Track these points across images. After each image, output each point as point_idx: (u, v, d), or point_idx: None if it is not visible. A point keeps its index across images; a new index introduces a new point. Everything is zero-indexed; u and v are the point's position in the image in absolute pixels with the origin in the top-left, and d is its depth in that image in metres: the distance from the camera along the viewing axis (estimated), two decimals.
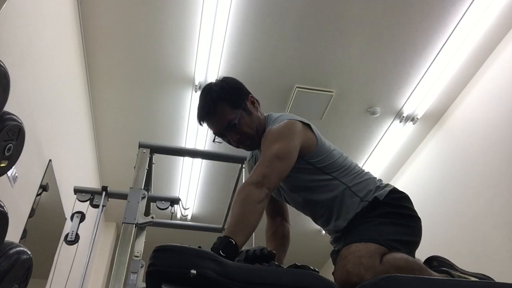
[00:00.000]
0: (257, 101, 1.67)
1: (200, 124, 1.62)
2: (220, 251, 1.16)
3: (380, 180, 1.61)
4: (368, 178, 1.58)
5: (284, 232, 1.75)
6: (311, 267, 1.31)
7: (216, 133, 1.61)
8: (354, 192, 1.53)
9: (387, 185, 1.58)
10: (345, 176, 1.56)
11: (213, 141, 1.65)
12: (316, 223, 1.67)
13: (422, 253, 1.64)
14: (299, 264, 1.31)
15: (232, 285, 1.05)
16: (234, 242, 1.22)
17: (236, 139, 1.59)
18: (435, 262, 1.55)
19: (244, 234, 1.27)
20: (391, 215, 1.48)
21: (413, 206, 1.55)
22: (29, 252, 1.65)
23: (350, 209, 1.52)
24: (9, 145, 1.63)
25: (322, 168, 1.55)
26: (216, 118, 1.57)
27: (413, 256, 1.44)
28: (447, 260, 1.57)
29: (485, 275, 1.45)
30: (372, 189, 1.54)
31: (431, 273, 1.41)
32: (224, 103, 1.56)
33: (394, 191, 1.55)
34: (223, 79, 1.66)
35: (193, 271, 1.01)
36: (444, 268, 1.53)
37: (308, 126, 1.58)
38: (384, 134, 4.07)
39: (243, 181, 2.64)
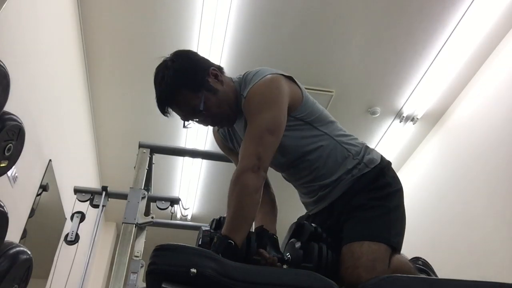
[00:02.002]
0: (220, 69, 1.46)
1: (165, 115, 1.44)
2: (220, 255, 1.12)
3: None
4: (351, 135, 1.53)
5: (270, 197, 1.61)
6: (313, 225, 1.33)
7: (185, 119, 1.44)
8: (346, 148, 1.46)
9: (372, 149, 1.53)
10: (333, 131, 1.48)
11: (184, 126, 1.47)
12: (298, 183, 1.55)
13: (423, 254, 1.65)
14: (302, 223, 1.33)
15: (232, 285, 1.05)
16: (233, 243, 1.17)
17: (209, 122, 1.45)
18: (420, 261, 1.56)
19: (243, 231, 1.22)
20: (395, 195, 1.44)
21: None
22: (29, 252, 1.65)
23: (342, 165, 1.44)
24: (9, 145, 1.63)
25: (311, 122, 1.45)
26: (179, 107, 1.40)
27: None
28: (429, 264, 1.58)
29: None
30: (361, 147, 1.49)
31: (419, 275, 1.43)
32: (183, 90, 1.37)
33: (383, 156, 1.52)
34: (175, 58, 1.42)
35: (193, 270, 1.01)
36: (425, 268, 1.53)
37: (290, 78, 1.46)
38: (384, 134, 4.07)
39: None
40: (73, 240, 2.80)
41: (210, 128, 4.45)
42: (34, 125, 2.63)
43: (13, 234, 2.18)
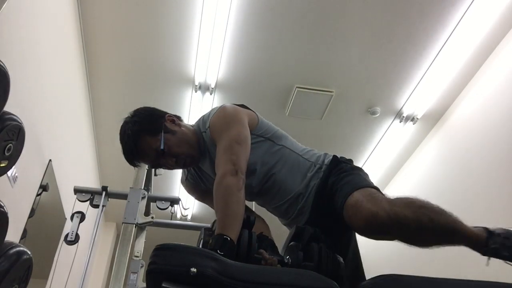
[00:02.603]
0: (178, 117, 1.62)
1: (134, 166, 1.60)
2: (218, 251, 1.16)
3: None
4: (308, 147, 1.65)
5: (258, 217, 1.63)
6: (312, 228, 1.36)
7: (152, 165, 1.60)
8: (306, 158, 1.57)
9: (331, 155, 1.62)
10: (291, 145, 1.61)
11: (155, 175, 1.64)
12: (272, 203, 1.61)
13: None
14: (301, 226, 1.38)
15: (232, 284, 1.05)
16: (229, 239, 1.22)
17: (173, 163, 1.55)
18: None
19: (235, 227, 1.27)
20: (357, 168, 1.56)
21: None
22: (29, 252, 1.64)
23: (305, 172, 1.54)
24: (9, 145, 1.63)
25: (270, 138, 1.57)
26: (144, 153, 1.54)
27: None
28: None
29: None
30: (321, 154, 1.60)
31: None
32: (143, 136, 1.52)
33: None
34: (133, 114, 1.62)
35: (193, 270, 1.01)
36: None
37: (243, 106, 1.61)
38: (384, 134, 4.07)
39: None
40: (73, 240, 2.79)
41: None
42: (34, 125, 2.63)
43: (13, 234, 2.18)
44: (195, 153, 1.56)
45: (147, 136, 1.52)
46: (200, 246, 1.28)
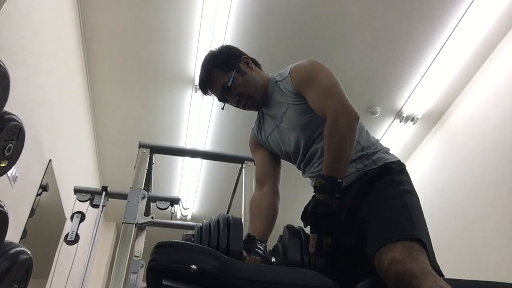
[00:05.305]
0: (254, 61, 1.69)
1: (205, 94, 1.67)
2: (335, 193, 1.27)
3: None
4: (372, 136, 1.55)
5: (273, 206, 1.58)
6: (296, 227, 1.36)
7: (219, 99, 1.65)
8: (357, 140, 1.43)
9: (389, 153, 1.50)
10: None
11: (222, 108, 1.69)
12: (309, 171, 1.55)
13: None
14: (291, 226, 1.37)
15: (232, 282, 1.05)
16: (341, 181, 1.30)
17: (236, 100, 1.61)
18: None
19: (345, 170, 1.34)
20: (406, 192, 1.43)
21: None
22: (29, 252, 1.64)
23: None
24: (9, 145, 1.63)
25: None
26: (213, 85, 1.61)
27: None
28: None
29: None
30: (378, 147, 1.48)
31: None
32: (216, 69, 1.60)
33: (399, 161, 1.46)
34: (217, 48, 1.68)
35: (193, 267, 1.02)
36: None
37: None
38: (384, 134, 4.07)
39: (244, 181, 2.66)
40: (73, 240, 2.79)
41: (211, 128, 4.43)
42: (34, 125, 2.63)
43: (13, 234, 2.19)
44: (258, 97, 1.61)
45: (219, 71, 1.60)
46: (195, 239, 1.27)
